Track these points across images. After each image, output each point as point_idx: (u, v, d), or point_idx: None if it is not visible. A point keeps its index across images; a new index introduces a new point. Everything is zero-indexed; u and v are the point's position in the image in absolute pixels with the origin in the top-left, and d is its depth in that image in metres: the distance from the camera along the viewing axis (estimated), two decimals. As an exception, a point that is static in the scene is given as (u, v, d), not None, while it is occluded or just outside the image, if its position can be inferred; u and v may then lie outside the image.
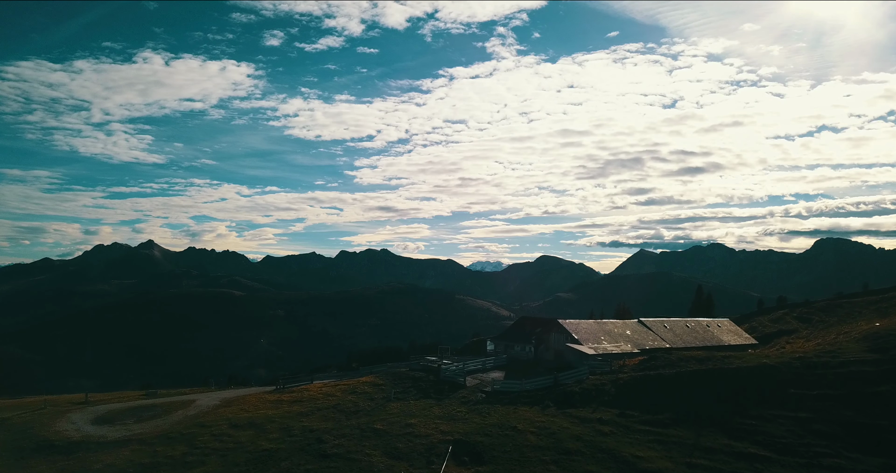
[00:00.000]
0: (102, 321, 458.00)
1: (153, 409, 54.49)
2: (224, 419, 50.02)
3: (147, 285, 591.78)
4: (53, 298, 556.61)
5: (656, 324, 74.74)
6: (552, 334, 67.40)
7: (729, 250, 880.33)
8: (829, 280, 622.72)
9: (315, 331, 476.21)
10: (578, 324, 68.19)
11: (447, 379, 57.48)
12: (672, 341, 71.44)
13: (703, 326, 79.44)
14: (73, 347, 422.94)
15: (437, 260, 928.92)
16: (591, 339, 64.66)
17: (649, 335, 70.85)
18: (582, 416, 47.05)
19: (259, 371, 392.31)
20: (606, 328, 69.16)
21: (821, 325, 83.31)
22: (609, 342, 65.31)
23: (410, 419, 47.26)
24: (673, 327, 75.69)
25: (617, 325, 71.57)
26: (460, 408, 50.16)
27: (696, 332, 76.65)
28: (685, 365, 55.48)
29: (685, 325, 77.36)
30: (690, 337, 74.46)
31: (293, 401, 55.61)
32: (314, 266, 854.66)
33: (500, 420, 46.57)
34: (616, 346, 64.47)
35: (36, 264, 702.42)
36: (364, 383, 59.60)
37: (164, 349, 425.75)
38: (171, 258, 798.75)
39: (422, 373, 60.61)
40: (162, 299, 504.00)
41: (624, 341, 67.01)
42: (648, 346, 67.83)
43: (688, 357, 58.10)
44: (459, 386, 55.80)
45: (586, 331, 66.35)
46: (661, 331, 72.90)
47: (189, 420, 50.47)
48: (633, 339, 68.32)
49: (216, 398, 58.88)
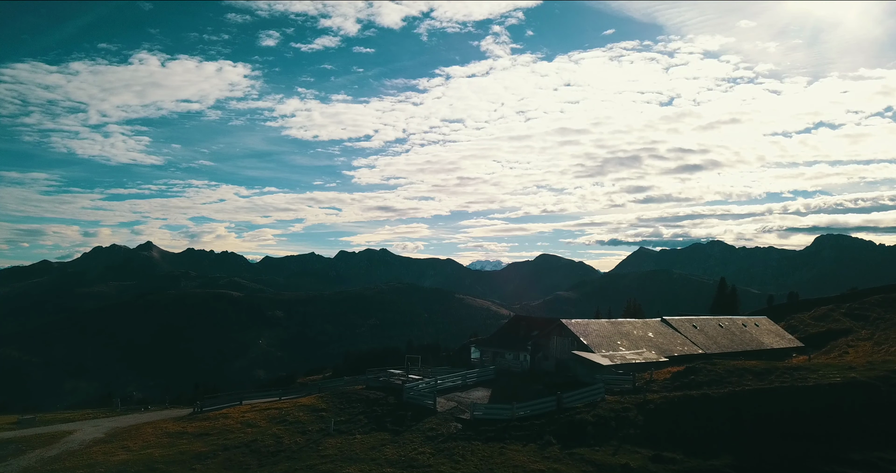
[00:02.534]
0: (100, 323, 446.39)
1: (5, 447, 38.63)
2: (87, 464, 34.18)
3: (146, 287, 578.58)
4: (52, 300, 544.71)
5: (683, 324, 58.81)
6: (553, 338, 51.57)
7: (728, 247, 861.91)
8: (830, 277, 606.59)
9: (314, 332, 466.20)
10: (588, 325, 52.46)
11: (412, 402, 41.66)
12: (705, 345, 55.54)
13: (738, 325, 63.47)
14: (71, 349, 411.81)
15: (437, 260, 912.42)
16: (604, 344, 48.80)
17: (677, 339, 54.97)
18: (598, 460, 31.12)
19: (258, 373, 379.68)
20: (623, 330, 53.42)
21: (882, 323, 67.31)
22: (628, 349, 49.48)
23: (348, 466, 31.42)
24: (703, 327, 59.73)
25: (636, 326, 55.82)
26: (424, 448, 34.25)
27: (731, 333, 60.72)
28: (738, 381, 39.54)
29: (717, 325, 61.38)
30: (726, 340, 58.53)
31: (199, 434, 39.68)
32: (313, 267, 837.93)
33: (479, 466, 30.78)
34: (637, 353, 48.58)
35: (34, 267, 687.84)
36: (301, 406, 43.70)
37: (162, 350, 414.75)
38: (169, 260, 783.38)
39: (380, 393, 44.77)
40: (160, 300, 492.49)
41: (647, 346, 51.18)
42: (677, 352, 51.98)
43: (737, 369, 42.13)
44: (427, 412, 39.89)
45: (598, 334, 50.46)
46: (690, 333, 57.01)
47: (42, 465, 34.64)
48: (658, 344, 52.46)
49: (104, 429, 43.03)
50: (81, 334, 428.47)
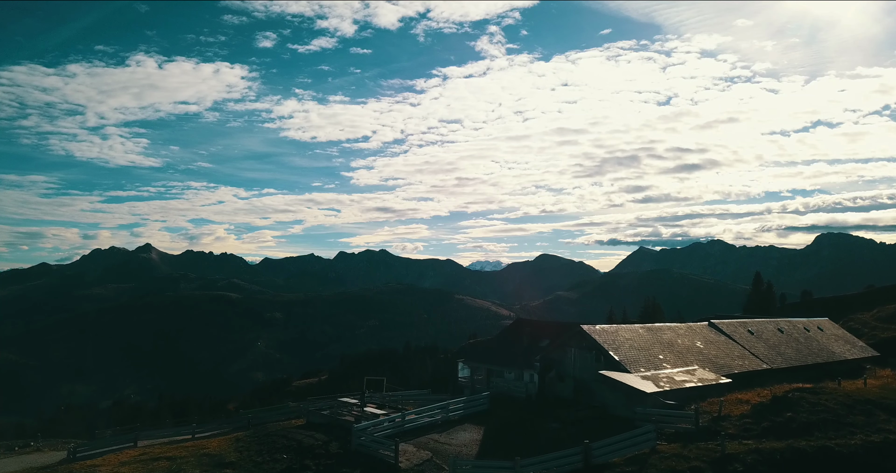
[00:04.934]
0: (99, 325, 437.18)
1: None
2: None
3: (145, 289, 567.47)
4: (50, 303, 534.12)
5: (737, 329, 44.12)
6: (571, 350, 36.96)
7: (728, 246, 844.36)
8: (831, 275, 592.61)
9: (313, 333, 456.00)
10: (617, 332, 37.42)
11: (363, 451, 27.09)
12: (768, 357, 40.98)
13: (800, 330, 48.81)
14: (70, 352, 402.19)
15: (436, 260, 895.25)
16: (642, 360, 34.24)
17: (733, 349, 40.37)
18: None
19: (256, 375, 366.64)
20: (664, 339, 38.65)
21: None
22: (674, 365, 34.90)
23: None
24: (761, 333, 45.09)
25: (679, 333, 40.75)
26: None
27: (795, 341, 46.09)
28: (868, 422, 25.02)
29: (776, 329, 46.69)
30: (791, 350, 43.90)
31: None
32: (313, 268, 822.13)
33: None
34: (689, 372, 33.98)
35: (33, 269, 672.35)
36: (205, 455, 29.10)
37: (161, 353, 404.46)
38: (168, 262, 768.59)
39: (320, 435, 30.11)
40: (159, 302, 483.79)
41: (697, 360, 36.57)
42: (738, 369, 37.36)
43: (856, 401, 27.58)
44: (385, 469, 25.32)
45: (632, 345, 35.79)
46: (746, 341, 42.42)
47: None
48: (711, 357, 37.87)
49: None
50: (80, 336, 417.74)
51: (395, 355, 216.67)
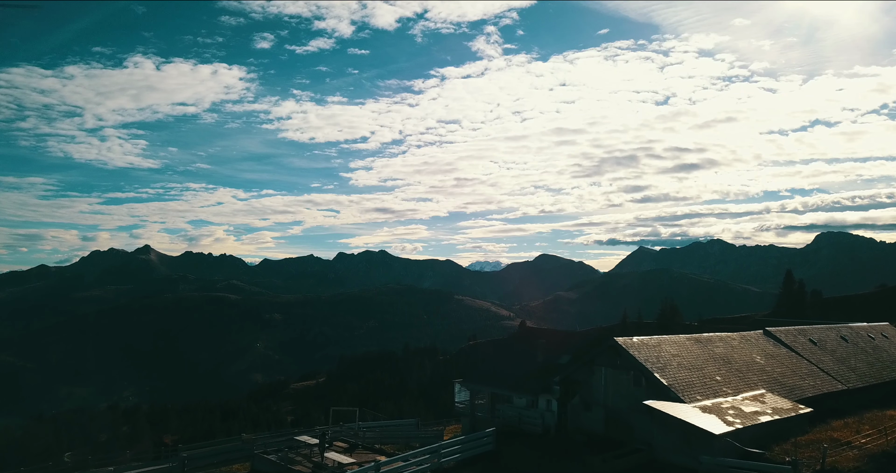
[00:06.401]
0: (98, 327, 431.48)
1: None
2: None
3: (144, 291, 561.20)
4: (49, 305, 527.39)
5: (797, 339, 35.45)
6: (600, 369, 28.15)
7: (728, 245, 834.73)
8: (831, 274, 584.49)
9: (313, 334, 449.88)
10: (660, 346, 28.32)
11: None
12: (841, 374, 32.48)
13: (864, 338, 40.27)
14: (68, 354, 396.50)
15: (436, 261, 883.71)
16: (696, 382, 25.49)
17: (799, 365, 31.76)
18: None
19: (255, 376, 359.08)
20: (717, 353, 29.69)
21: None
22: (737, 389, 26.20)
23: None
24: (824, 341, 36.50)
25: (732, 343, 31.74)
26: None
27: (863, 351, 37.55)
28: None
29: (839, 337, 38.11)
30: (863, 363, 35.38)
31: None
32: (312, 269, 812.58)
33: None
34: (757, 399, 25.25)
35: (32, 271, 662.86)
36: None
37: (160, 354, 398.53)
38: (167, 263, 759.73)
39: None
40: (158, 304, 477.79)
41: (760, 379, 27.92)
42: (811, 391, 28.81)
43: None
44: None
45: (681, 363, 26.77)
46: (811, 353, 33.89)
47: None
48: (776, 375, 29.27)
49: None
50: (79, 338, 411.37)
51: (393, 356, 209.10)
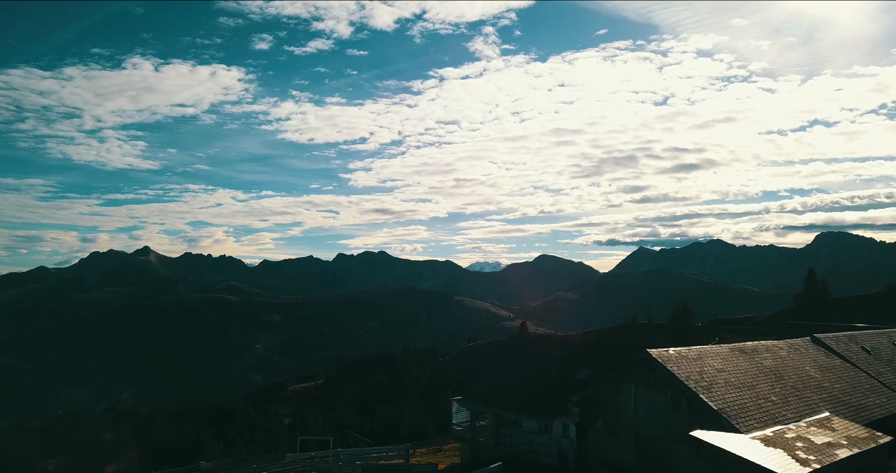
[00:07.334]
0: (98, 328, 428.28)
1: None
2: None
3: (143, 292, 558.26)
4: (48, 306, 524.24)
5: (848, 346, 31.39)
6: (629, 388, 23.82)
7: (728, 245, 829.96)
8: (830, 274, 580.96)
9: (312, 335, 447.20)
10: (701, 360, 23.48)
11: None
12: (899, 387, 28.91)
13: (908, 342, 36.82)
14: (68, 355, 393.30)
15: (436, 261, 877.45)
16: (750, 404, 21.48)
17: (857, 378, 27.81)
18: None
19: (255, 378, 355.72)
20: (766, 366, 25.28)
21: None
22: (797, 412, 22.40)
23: None
24: (878, 350, 32.60)
25: (779, 353, 27.50)
26: None
27: (912, 358, 34.04)
28: None
29: (891, 344, 34.56)
30: (916, 372, 31.85)
31: None
32: (311, 270, 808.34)
33: None
34: (823, 424, 21.27)
35: (31, 273, 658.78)
36: None
37: (159, 356, 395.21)
38: (167, 264, 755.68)
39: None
40: (158, 305, 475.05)
41: (822, 400, 24.20)
42: (878, 412, 24.91)
43: None
44: None
45: (728, 380, 22.43)
46: (866, 363, 30.00)
47: None
48: (836, 392, 25.14)
49: None
50: (78, 340, 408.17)
51: (392, 358, 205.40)
